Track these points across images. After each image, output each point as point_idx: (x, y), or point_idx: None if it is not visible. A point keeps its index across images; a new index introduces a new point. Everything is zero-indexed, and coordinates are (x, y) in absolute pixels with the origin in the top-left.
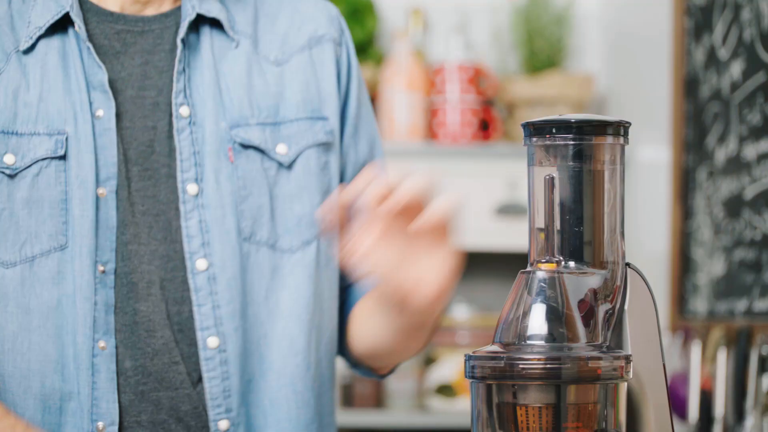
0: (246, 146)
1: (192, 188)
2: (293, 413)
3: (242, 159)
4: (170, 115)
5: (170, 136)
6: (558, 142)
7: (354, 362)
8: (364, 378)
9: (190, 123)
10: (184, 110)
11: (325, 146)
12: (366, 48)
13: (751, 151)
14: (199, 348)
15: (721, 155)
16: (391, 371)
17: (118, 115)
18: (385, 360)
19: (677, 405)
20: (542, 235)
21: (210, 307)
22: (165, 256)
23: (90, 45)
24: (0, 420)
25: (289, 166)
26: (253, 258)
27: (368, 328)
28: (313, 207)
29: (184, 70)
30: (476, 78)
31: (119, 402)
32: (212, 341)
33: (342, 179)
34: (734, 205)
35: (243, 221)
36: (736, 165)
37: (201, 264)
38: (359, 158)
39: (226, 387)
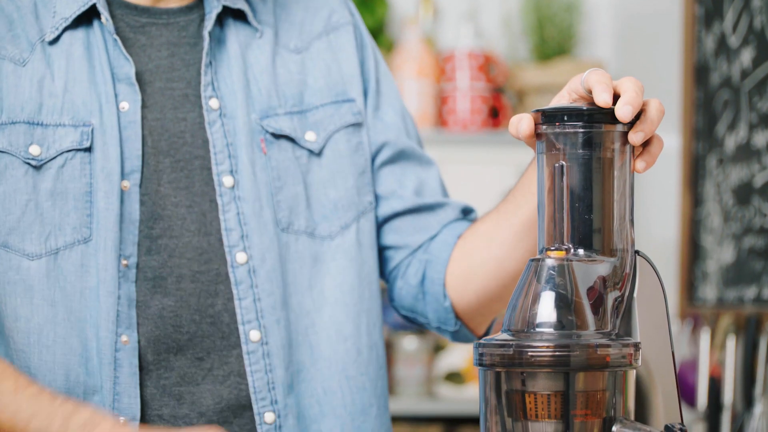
0: (277, 136)
1: (228, 180)
2: (348, 399)
3: (274, 149)
4: (200, 107)
5: (201, 128)
6: (568, 130)
7: (454, 329)
8: None
9: (220, 115)
10: (214, 103)
11: (355, 127)
12: (376, 35)
13: (761, 139)
14: (241, 342)
15: (731, 143)
16: (487, 331)
17: (146, 107)
18: (497, 296)
19: (686, 392)
20: (551, 223)
21: (251, 301)
22: (199, 248)
23: (117, 38)
24: (25, 389)
25: (320, 153)
26: (293, 248)
27: (492, 249)
28: (347, 190)
29: (211, 63)
30: (486, 65)
31: (141, 396)
32: (254, 335)
33: (375, 155)
34: (744, 193)
35: (280, 212)
36: (746, 152)
37: (241, 257)
38: (389, 131)
39: (270, 379)
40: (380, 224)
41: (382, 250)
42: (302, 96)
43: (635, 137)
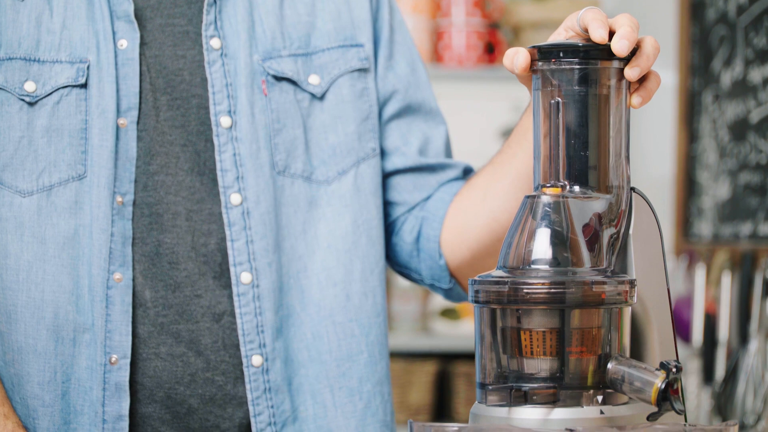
0: (279, 78)
1: (225, 121)
2: (334, 345)
3: (275, 91)
4: (200, 45)
5: (201, 67)
6: (564, 66)
7: (447, 287)
8: None
9: (221, 55)
10: (215, 42)
11: (361, 72)
12: None
13: (756, 75)
14: (232, 284)
15: (726, 79)
16: None
17: (145, 44)
18: (491, 251)
19: (681, 328)
20: (547, 160)
21: (244, 242)
22: (192, 187)
23: None
24: None
25: (322, 97)
26: (288, 191)
27: (487, 202)
28: (348, 136)
29: (215, 1)
30: (482, 1)
31: (137, 334)
32: (245, 277)
33: (383, 106)
34: (740, 129)
35: (277, 155)
36: (742, 88)
37: (235, 198)
38: (399, 82)
39: (260, 322)
40: (382, 178)
41: None
42: (309, 38)
43: (631, 72)
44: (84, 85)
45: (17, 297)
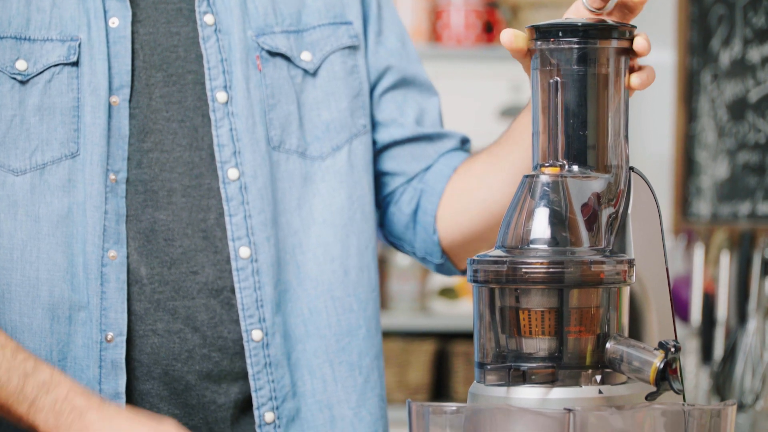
0: (273, 54)
1: (221, 96)
2: (333, 320)
3: (269, 67)
4: (194, 21)
5: (195, 43)
6: (563, 46)
7: (439, 261)
8: None
9: (215, 31)
10: (209, 18)
11: (351, 49)
12: None
13: (755, 54)
14: (231, 258)
15: (725, 58)
16: None
17: (138, 21)
18: (482, 237)
19: (680, 308)
20: (546, 139)
21: (242, 217)
22: (190, 163)
23: None
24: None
25: (314, 73)
26: (283, 166)
27: (481, 192)
28: (341, 112)
29: None
30: None
31: (134, 311)
32: (244, 251)
33: (377, 81)
34: (738, 108)
35: (272, 130)
36: (741, 68)
37: (233, 173)
38: (391, 56)
39: (259, 297)
40: (379, 150)
41: (378, 176)
42: (300, 15)
43: (642, 41)
44: (75, 63)
45: (11, 276)
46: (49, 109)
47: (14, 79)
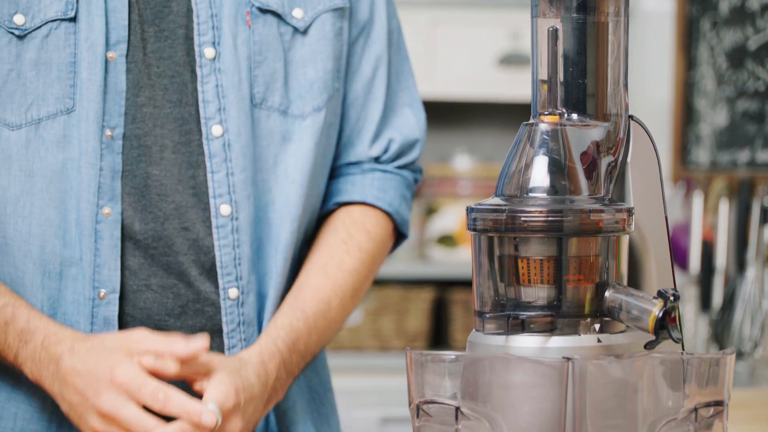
0: (264, 11)
1: (209, 52)
2: (289, 283)
3: (259, 24)
4: None
5: None
6: None
7: None
8: None
9: None
10: None
11: (340, 11)
12: None
13: (755, 2)
14: (211, 215)
15: (725, 5)
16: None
17: None
18: None
19: (679, 256)
20: (545, 87)
21: (224, 174)
22: (180, 119)
23: None
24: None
25: (305, 31)
26: (263, 124)
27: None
28: (325, 72)
29: None
30: None
31: (128, 266)
32: (225, 209)
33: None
34: (738, 56)
35: (256, 87)
36: (740, 15)
37: (216, 130)
38: (358, 22)
39: (237, 255)
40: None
41: None
42: None
43: None
44: (73, 19)
45: (4, 230)
46: (45, 64)
47: (11, 33)
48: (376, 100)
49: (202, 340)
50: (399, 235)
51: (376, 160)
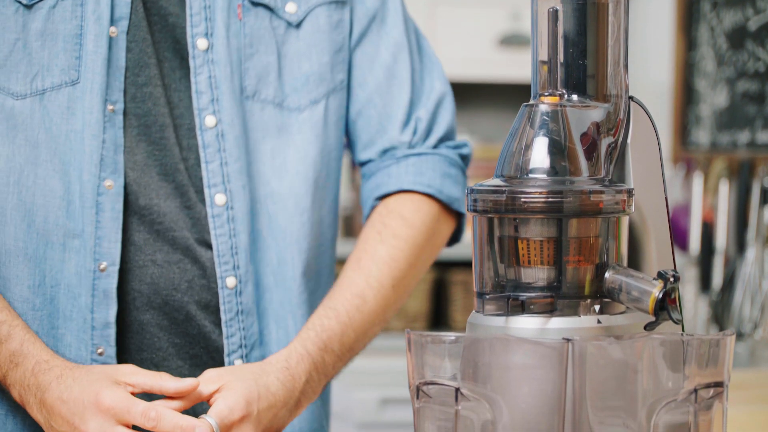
0: (255, 4)
1: (202, 43)
2: (298, 272)
3: (251, 16)
4: None
5: None
6: None
7: None
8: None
9: None
10: None
11: (337, 4)
12: None
13: None
14: (206, 205)
15: None
16: None
17: None
18: None
19: (679, 237)
20: (545, 68)
21: (218, 164)
22: (174, 103)
23: None
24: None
25: (298, 25)
26: (257, 116)
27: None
28: (321, 66)
29: None
30: None
31: (133, 241)
32: (220, 198)
33: (352, 35)
34: (738, 37)
35: (247, 79)
36: None
37: (210, 120)
38: (368, 10)
39: (234, 244)
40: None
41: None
42: None
43: None
44: None
45: (7, 200)
46: (51, 35)
47: (19, 2)
48: (402, 84)
49: (191, 381)
50: (459, 216)
51: (410, 146)
